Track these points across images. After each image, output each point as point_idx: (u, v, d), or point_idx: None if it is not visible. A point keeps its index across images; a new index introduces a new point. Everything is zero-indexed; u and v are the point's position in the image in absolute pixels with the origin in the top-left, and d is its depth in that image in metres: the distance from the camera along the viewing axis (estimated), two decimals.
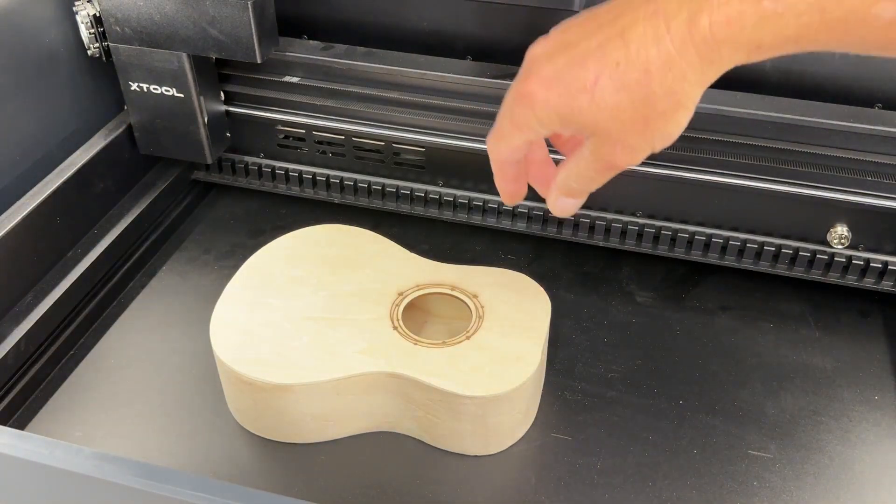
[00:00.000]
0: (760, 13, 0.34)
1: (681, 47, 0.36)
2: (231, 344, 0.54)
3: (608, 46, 0.38)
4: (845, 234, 0.62)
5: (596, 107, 0.38)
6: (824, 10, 0.34)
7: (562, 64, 0.39)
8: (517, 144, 0.44)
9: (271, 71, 0.69)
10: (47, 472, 0.39)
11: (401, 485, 0.53)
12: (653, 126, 0.38)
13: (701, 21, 0.35)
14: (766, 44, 0.35)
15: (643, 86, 0.37)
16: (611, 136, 0.39)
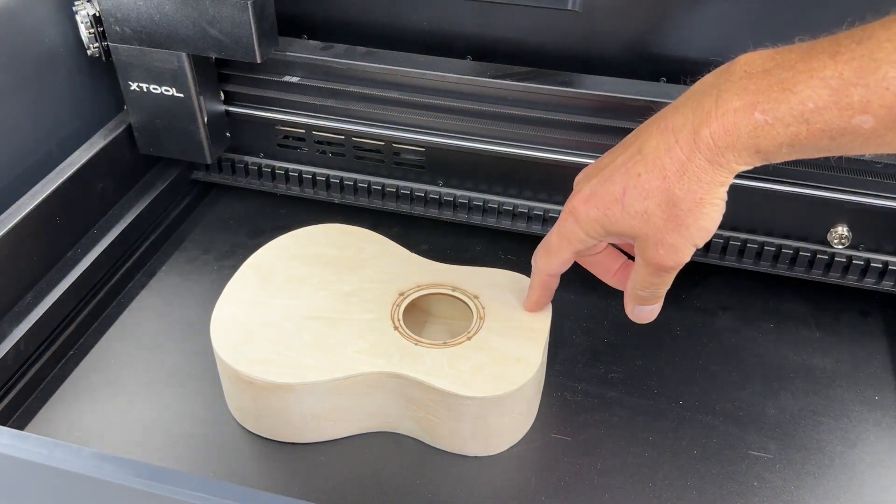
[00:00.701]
0: (753, 124, 0.39)
1: (689, 154, 0.41)
2: (231, 343, 0.54)
3: (630, 162, 0.44)
4: (846, 235, 0.62)
5: (627, 214, 0.44)
6: (808, 122, 0.38)
7: (596, 182, 0.46)
8: (566, 257, 0.51)
9: (271, 71, 0.69)
10: (47, 472, 0.39)
11: (401, 485, 0.53)
12: (684, 223, 0.43)
13: (703, 132, 0.41)
14: (763, 149, 0.40)
15: (663, 190, 0.43)
16: (649, 238, 0.45)
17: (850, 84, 0.36)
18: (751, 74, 0.40)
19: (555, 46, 0.66)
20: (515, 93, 0.64)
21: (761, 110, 0.39)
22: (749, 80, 0.40)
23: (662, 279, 0.48)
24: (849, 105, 0.37)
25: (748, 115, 0.39)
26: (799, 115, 0.38)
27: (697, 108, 0.41)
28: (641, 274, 0.48)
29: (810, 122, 0.38)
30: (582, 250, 0.50)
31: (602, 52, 0.66)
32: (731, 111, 0.40)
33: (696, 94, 0.42)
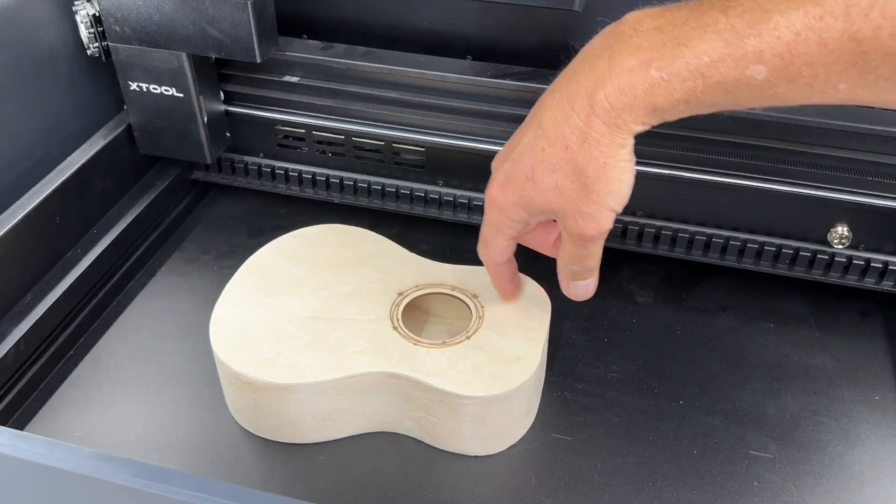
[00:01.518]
0: (649, 81, 0.40)
1: (587, 120, 0.42)
2: (231, 344, 0.54)
3: (533, 138, 0.45)
4: (846, 234, 0.62)
5: (541, 191, 0.45)
6: (704, 76, 0.38)
7: (508, 166, 0.46)
8: (502, 245, 0.51)
9: (271, 71, 0.69)
10: (47, 472, 0.39)
11: (401, 485, 0.53)
12: (595, 189, 0.44)
13: (598, 95, 0.41)
14: (660, 106, 0.40)
15: (568, 160, 0.43)
16: (567, 211, 0.45)
17: (743, 35, 0.37)
18: (642, 32, 0.40)
19: (555, 46, 0.66)
20: (515, 93, 0.64)
21: (656, 67, 0.39)
22: (641, 39, 0.40)
23: (588, 249, 0.48)
24: (743, 56, 0.37)
25: (644, 73, 0.39)
26: (695, 69, 0.38)
27: (590, 73, 0.41)
28: (568, 248, 0.48)
29: (706, 75, 0.38)
30: (515, 235, 0.50)
31: None
32: (625, 71, 0.40)
33: (588, 58, 0.43)
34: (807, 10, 0.36)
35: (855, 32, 0.35)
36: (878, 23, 0.35)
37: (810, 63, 0.37)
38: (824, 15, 0.35)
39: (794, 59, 0.37)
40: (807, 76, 0.37)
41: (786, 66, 0.37)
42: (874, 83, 0.37)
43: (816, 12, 0.36)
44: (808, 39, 0.36)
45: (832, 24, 0.35)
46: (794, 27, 0.36)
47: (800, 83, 0.38)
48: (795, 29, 0.36)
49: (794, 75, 0.37)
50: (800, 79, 0.37)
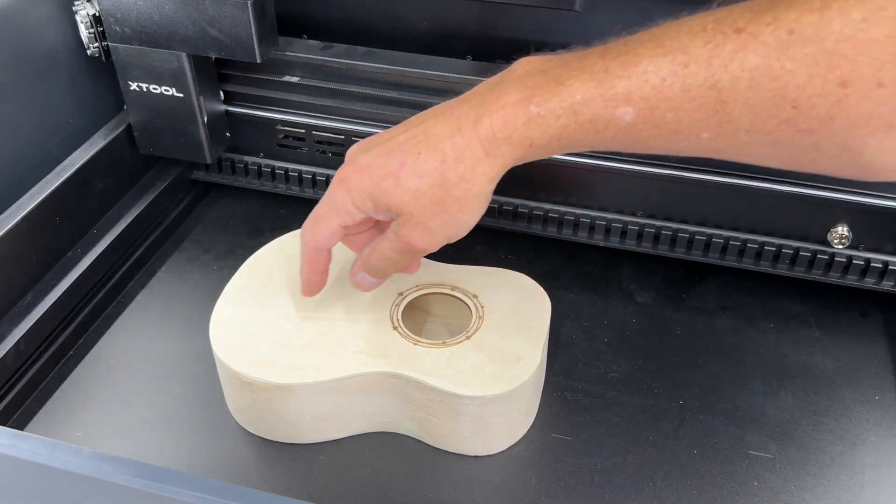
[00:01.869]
0: (527, 115, 0.41)
1: (470, 142, 0.43)
2: (230, 344, 0.54)
3: (412, 141, 0.45)
4: (846, 234, 0.62)
5: (401, 189, 0.45)
6: (576, 113, 0.40)
7: (374, 154, 0.46)
8: (334, 228, 0.49)
9: (271, 70, 0.69)
10: (47, 472, 0.39)
11: (401, 485, 0.53)
12: (449, 210, 0.45)
13: (484, 121, 0.43)
14: (536, 142, 0.42)
15: (440, 172, 0.44)
16: (413, 216, 0.46)
17: (615, 76, 0.39)
18: (530, 73, 0.43)
19: (555, 46, 0.66)
20: None
21: (535, 103, 0.41)
22: (528, 78, 0.42)
23: (403, 258, 0.49)
24: (613, 96, 0.39)
25: (524, 108, 0.41)
26: (568, 106, 0.40)
27: (481, 102, 0.43)
28: (387, 246, 0.48)
29: (578, 113, 0.40)
30: (349, 224, 0.49)
31: None
32: (509, 104, 0.42)
33: (481, 90, 0.45)
34: (674, 57, 0.38)
35: (716, 82, 0.37)
36: (737, 74, 0.36)
37: (675, 108, 0.38)
38: (689, 63, 0.37)
39: (659, 104, 0.38)
40: (671, 122, 0.39)
41: (651, 110, 0.39)
42: (734, 134, 0.38)
43: (682, 59, 0.37)
44: (673, 85, 0.38)
45: (696, 72, 0.37)
46: (661, 72, 0.38)
47: (665, 129, 0.39)
48: (662, 74, 0.38)
49: (660, 120, 0.39)
50: (665, 124, 0.39)
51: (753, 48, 0.35)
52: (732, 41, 0.36)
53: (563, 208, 0.68)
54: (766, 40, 0.35)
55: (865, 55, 0.33)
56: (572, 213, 0.68)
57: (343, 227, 0.49)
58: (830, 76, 0.34)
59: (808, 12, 0.34)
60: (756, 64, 0.35)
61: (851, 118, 0.34)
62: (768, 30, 0.35)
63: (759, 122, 0.37)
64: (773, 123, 0.36)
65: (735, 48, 0.36)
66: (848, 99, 0.34)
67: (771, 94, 0.36)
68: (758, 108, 0.36)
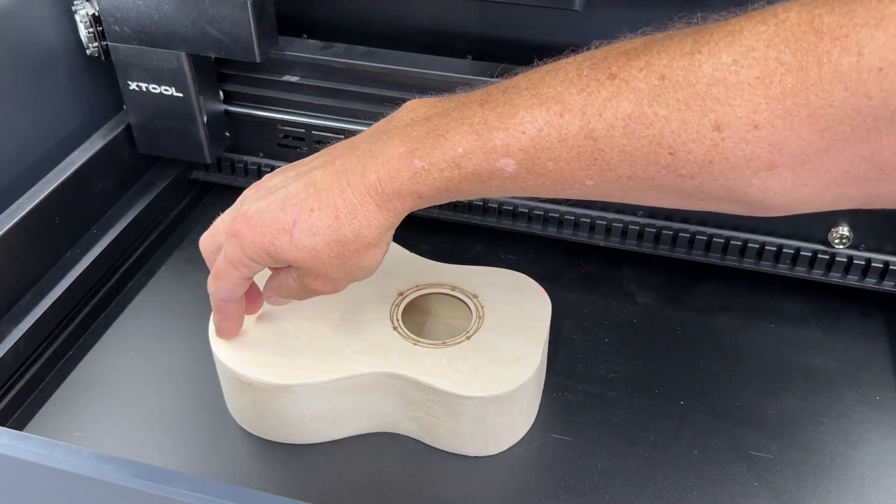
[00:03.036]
0: (412, 169, 0.41)
1: (361, 198, 0.42)
2: (230, 344, 0.54)
3: (303, 194, 0.44)
4: (846, 235, 0.62)
5: (295, 247, 0.44)
6: (459, 167, 0.40)
7: (264, 206, 0.45)
8: (236, 282, 0.48)
9: (271, 70, 0.69)
10: (46, 472, 0.39)
11: (401, 485, 0.53)
12: (349, 262, 0.45)
13: (371, 176, 0.42)
14: (424, 194, 0.41)
15: (334, 230, 0.43)
16: (312, 270, 0.45)
17: (494, 128, 0.39)
18: (415, 122, 0.42)
19: (555, 46, 0.66)
20: None
21: (419, 156, 0.40)
22: (412, 128, 0.42)
23: (308, 297, 0.49)
24: (493, 149, 0.39)
25: (408, 161, 0.41)
26: (451, 160, 0.40)
27: (368, 152, 0.43)
28: (290, 286, 0.48)
29: (461, 166, 0.40)
30: (250, 276, 0.48)
31: None
32: (395, 157, 0.41)
33: (370, 137, 0.44)
34: (549, 108, 0.37)
35: (591, 131, 0.36)
36: (611, 122, 0.36)
37: (554, 158, 0.38)
38: (564, 112, 0.37)
39: (538, 154, 0.38)
40: (553, 171, 0.38)
41: (532, 161, 0.38)
42: (617, 181, 0.38)
43: (557, 109, 0.37)
44: (550, 135, 0.37)
45: (571, 122, 0.37)
46: (537, 123, 0.37)
47: (548, 178, 0.39)
48: (538, 125, 0.37)
49: (542, 169, 0.38)
50: (547, 173, 0.39)
51: (626, 95, 0.35)
52: (606, 88, 0.36)
53: (563, 208, 0.68)
54: (637, 86, 0.35)
55: (738, 98, 0.32)
56: (572, 213, 0.68)
57: (244, 279, 0.48)
58: (705, 121, 0.33)
59: (678, 56, 0.34)
60: (629, 111, 0.35)
61: (731, 161, 0.34)
62: (640, 75, 0.35)
63: (639, 169, 0.36)
64: (654, 170, 0.36)
65: (608, 95, 0.36)
66: (725, 143, 0.33)
67: (647, 140, 0.35)
68: (635, 156, 0.36)
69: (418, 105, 0.43)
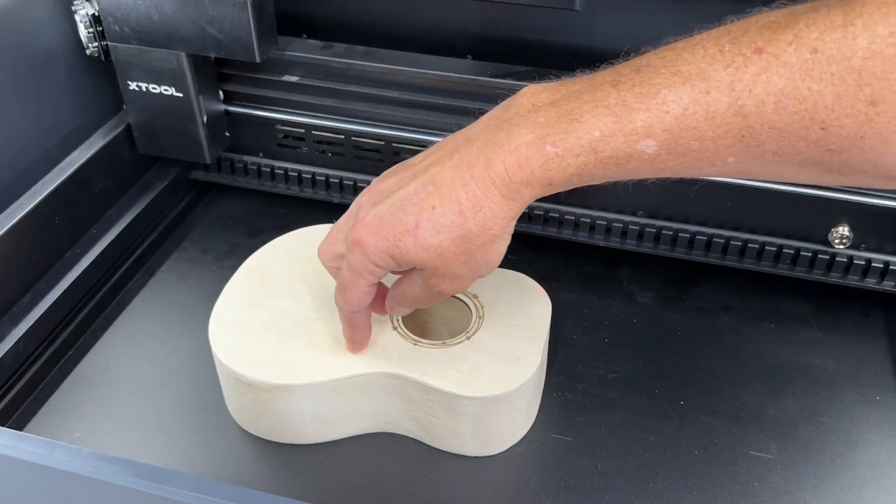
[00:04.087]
0: (544, 156, 0.39)
1: (485, 190, 0.41)
2: (230, 344, 0.54)
3: (423, 192, 0.43)
4: (847, 235, 0.62)
5: (420, 247, 0.43)
6: (596, 151, 0.39)
7: (384, 210, 0.44)
8: (363, 290, 0.47)
9: (270, 70, 0.69)
10: (46, 472, 0.39)
11: (401, 486, 0.53)
12: (475, 257, 0.43)
13: (497, 166, 0.40)
14: (555, 181, 0.40)
15: (459, 225, 0.42)
16: (438, 270, 0.44)
17: (633, 109, 0.37)
18: (539, 107, 0.41)
19: (555, 45, 0.66)
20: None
21: (551, 142, 0.39)
22: (538, 113, 0.40)
23: (433, 301, 0.48)
24: (633, 130, 0.38)
25: (539, 148, 0.39)
26: (587, 144, 0.39)
27: (490, 142, 0.41)
28: (416, 293, 0.47)
29: (598, 150, 0.39)
30: (375, 282, 0.47)
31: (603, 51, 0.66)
32: (523, 145, 0.40)
33: (488, 126, 0.43)
34: (693, 85, 0.36)
35: (740, 107, 0.35)
36: (762, 98, 0.35)
37: (699, 137, 0.37)
38: (710, 89, 0.36)
39: (682, 134, 0.37)
40: (696, 150, 0.37)
41: (675, 141, 0.37)
42: (761, 157, 0.37)
43: (702, 87, 0.36)
44: (696, 114, 0.36)
45: (718, 99, 0.36)
46: (682, 102, 0.36)
47: (689, 157, 0.38)
48: (683, 103, 0.36)
49: (684, 149, 0.37)
50: (689, 153, 0.38)
51: (777, 69, 0.34)
52: (754, 63, 0.35)
53: (563, 208, 0.68)
54: (788, 60, 0.34)
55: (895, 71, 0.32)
56: (572, 213, 0.68)
57: (371, 286, 0.47)
58: (860, 95, 0.33)
59: (830, 29, 0.33)
60: (781, 86, 0.34)
61: (883, 136, 0.33)
62: (790, 49, 0.34)
63: (788, 145, 0.36)
64: (802, 145, 0.35)
65: (757, 70, 0.35)
66: (879, 117, 0.33)
67: (798, 116, 0.34)
68: (785, 132, 0.35)
69: (538, 90, 0.42)
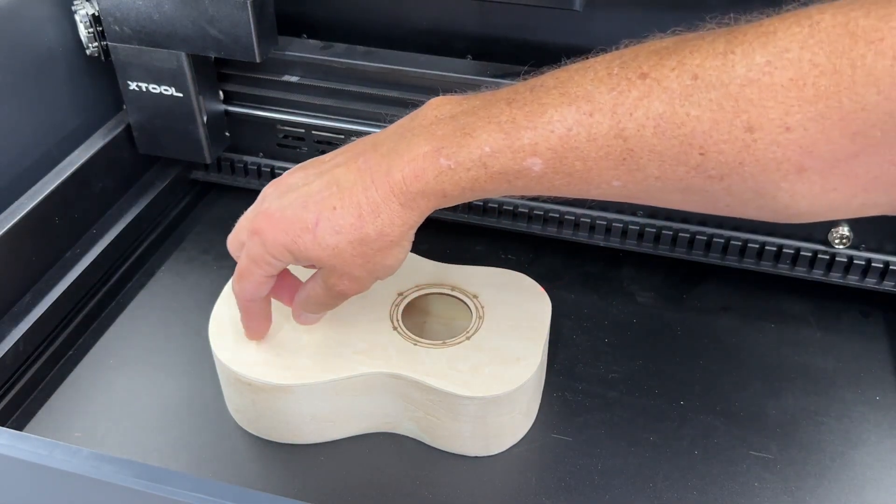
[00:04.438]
0: (438, 168, 0.40)
1: (384, 197, 0.42)
2: (230, 344, 0.54)
3: (326, 192, 0.43)
4: (847, 235, 0.62)
5: (318, 246, 0.44)
6: (486, 166, 0.40)
7: (286, 204, 0.44)
8: (260, 280, 0.48)
9: (271, 70, 0.69)
10: (46, 472, 0.39)
11: (401, 486, 0.53)
12: (373, 261, 0.44)
13: (395, 175, 0.41)
14: (448, 193, 0.41)
15: (357, 228, 0.43)
16: (336, 269, 0.45)
17: (522, 127, 0.38)
18: (440, 119, 0.42)
19: (555, 45, 0.66)
20: None
21: (445, 155, 0.40)
22: (437, 126, 0.41)
23: (337, 302, 0.49)
24: (520, 148, 0.39)
25: (434, 160, 0.40)
26: (478, 159, 0.39)
27: (393, 150, 0.42)
28: (319, 294, 0.48)
29: (488, 165, 0.39)
30: (273, 273, 0.47)
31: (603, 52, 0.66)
32: (420, 156, 0.41)
33: (394, 134, 0.44)
34: (578, 107, 0.37)
35: (621, 130, 0.36)
36: (642, 122, 0.35)
37: (582, 157, 0.37)
38: (594, 111, 0.37)
39: (567, 154, 0.38)
40: (580, 171, 0.38)
41: (559, 160, 0.38)
42: (644, 181, 0.38)
43: (587, 108, 0.37)
44: (579, 135, 0.37)
45: (601, 121, 0.36)
46: (566, 122, 0.37)
47: (575, 177, 0.39)
48: (567, 124, 0.37)
49: (569, 169, 0.38)
50: (574, 173, 0.38)
51: (658, 94, 0.35)
52: (637, 87, 0.36)
53: (563, 208, 0.68)
54: (669, 86, 0.35)
55: (771, 99, 0.32)
56: (572, 213, 0.68)
57: (268, 276, 0.48)
58: (737, 121, 0.33)
59: (711, 56, 0.34)
60: (661, 111, 0.35)
61: (761, 163, 0.34)
62: (672, 75, 0.35)
63: (668, 169, 0.36)
64: (683, 170, 0.36)
65: (640, 95, 0.35)
66: (756, 144, 0.33)
67: (677, 141, 0.35)
68: (665, 156, 0.36)
69: (443, 102, 0.43)
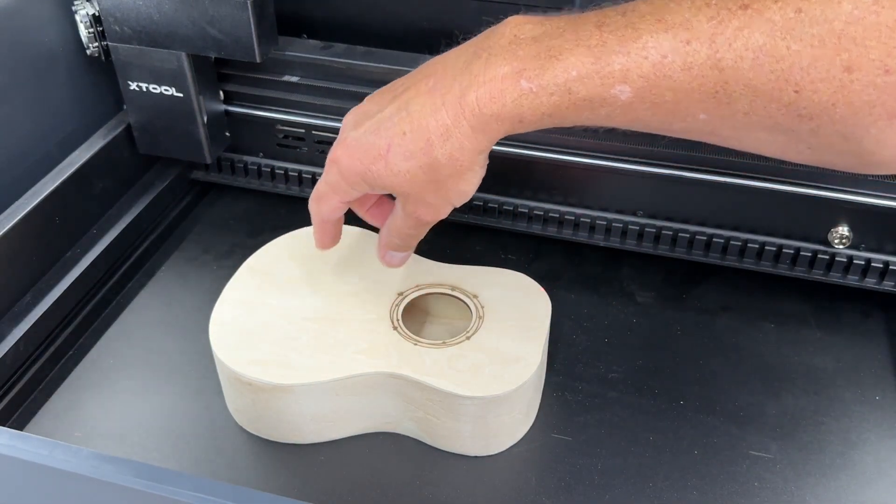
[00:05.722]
0: (518, 91, 0.39)
1: (455, 119, 0.41)
2: (230, 344, 0.54)
3: (396, 117, 0.43)
4: (846, 234, 0.62)
5: (391, 172, 0.43)
6: (571, 91, 0.38)
7: (361, 132, 0.45)
8: (335, 205, 0.49)
9: (271, 70, 0.69)
10: (46, 472, 0.39)
11: (401, 486, 0.53)
12: (445, 187, 0.44)
13: (469, 96, 0.40)
14: (526, 118, 0.40)
15: (426, 153, 0.42)
16: (410, 196, 0.45)
17: (613, 52, 0.37)
18: (520, 40, 0.40)
19: None
20: None
21: (527, 77, 0.39)
22: (518, 46, 0.40)
23: (420, 231, 0.49)
24: (610, 73, 0.37)
25: (514, 82, 0.39)
26: (563, 83, 0.38)
27: (465, 71, 0.41)
28: (400, 225, 0.48)
29: (573, 91, 0.38)
30: (349, 200, 0.49)
31: None
32: (498, 77, 0.39)
33: (466, 54, 0.42)
34: (675, 34, 0.36)
35: (718, 60, 0.35)
36: (741, 53, 0.34)
37: (673, 88, 0.36)
38: (691, 39, 0.35)
39: (658, 82, 0.37)
40: (669, 101, 0.37)
41: (650, 89, 0.37)
42: (732, 117, 0.37)
43: (684, 36, 0.35)
44: (674, 63, 0.36)
45: (698, 50, 0.35)
46: (662, 49, 0.36)
47: (662, 108, 0.37)
48: (662, 51, 0.36)
49: (658, 99, 0.37)
50: (663, 104, 0.37)
51: (759, 26, 0.34)
52: (738, 17, 0.34)
53: (563, 208, 0.68)
54: (772, 18, 0.34)
55: (874, 39, 0.32)
56: (572, 213, 0.68)
57: (343, 202, 0.49)
58: (836, 60, 0.33)
59: None
60: (761, 42, 0.34)
61: (854, 105, 0.33)
62: (775, 6, 0.34)
63: (759, 106, 0.35)
64: (774, 107, 0.35)
65: (740, 25, 0.34)
66: (853, 85, 0.33)
67: (774, 76, 0.34)
68: (759, 91, 0.35)
69: (523, 22, 0.41)
